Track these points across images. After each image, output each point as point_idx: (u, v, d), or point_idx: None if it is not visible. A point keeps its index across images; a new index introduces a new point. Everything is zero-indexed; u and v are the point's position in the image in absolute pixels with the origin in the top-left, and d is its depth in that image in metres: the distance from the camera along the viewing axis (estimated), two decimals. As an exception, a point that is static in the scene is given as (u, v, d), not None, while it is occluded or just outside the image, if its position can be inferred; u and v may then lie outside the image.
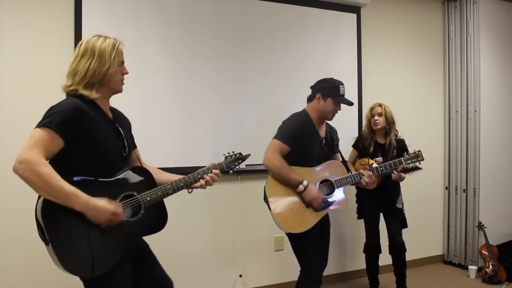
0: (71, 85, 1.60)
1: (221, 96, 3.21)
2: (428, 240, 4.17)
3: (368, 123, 3.22)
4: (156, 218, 1.75)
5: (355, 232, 3.73)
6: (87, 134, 1.55)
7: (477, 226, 3.88)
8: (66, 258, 1.47)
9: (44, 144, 1.45)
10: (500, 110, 4.15)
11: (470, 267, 3.87)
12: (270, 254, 3.44)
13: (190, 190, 1.87)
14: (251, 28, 3.31)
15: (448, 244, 4.24)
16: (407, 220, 3.21)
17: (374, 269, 3.29)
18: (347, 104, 2.52)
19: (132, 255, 1.70)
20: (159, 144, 3.00)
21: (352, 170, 3.14)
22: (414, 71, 4.12)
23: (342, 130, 3.46)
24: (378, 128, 3.15)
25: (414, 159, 2.70)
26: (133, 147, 1.87)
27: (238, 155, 2.01)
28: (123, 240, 1.61)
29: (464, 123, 4.07)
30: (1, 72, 2.63)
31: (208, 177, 1.87)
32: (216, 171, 1.89)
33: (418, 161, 2.71)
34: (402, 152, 3.15)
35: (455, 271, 4.02)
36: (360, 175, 2.50)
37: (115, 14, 2.87)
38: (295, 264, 2.54)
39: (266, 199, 2.40)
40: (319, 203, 2.38)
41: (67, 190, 1.43)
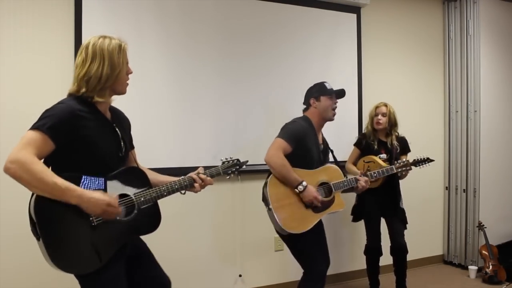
0: (86, 91, 1.59)
1: (221, 95, 3.21)
2: (428, 240, 4.17)
3: (371, 121, 3.22)
4: (150, 219, 1.75)
5: (354, 232, 3.73)
6: (81, 137, 1.54)
7: (477, 226, 3.88)
8: (57, 254, 1.48)
9: (36, 145, 1.46)
10: (500, 110, 4.15)
11: (470, 267, 3.87)
12: (270, 254, 3.44)
13: (184, 192, 1.86)
14: (251, 28, 3.31)
15: (448, 244, 4.24)
16: (407, 221, 3.21)
17: (374, 270, 3.28)
18: (339, 93, 2.60)
19: (126, 253, 1.70)
20: (160, 144, 3.00)
21: (351, 169, 3.15)
22: (414, 71, 4.12)
23: (342, 130, 3.48)
24: (380, 128, 3.16)
25: (404, 168, 2.87)
26: (130, 147, 1.85)
27: (236, 161, 2.04)
28: (115, 238, 1.61)
29: (464, 123, 4.07)
30: (1, 72, 2.63)
31: (202, 180, 1.87)
32: (210, 179, 1.89)
33: (407, 170, 2.90)
34: (405, 149, 3.19)
35: (455, 271, 4.02)
36: (357, 179, 2.57)
37: (115, 13, 2.87)
38: (295, 264, 2.54)
39: (265, 199, 2.41)
40: (319, 202, 2.40)
41: (61, 185, 1.44)
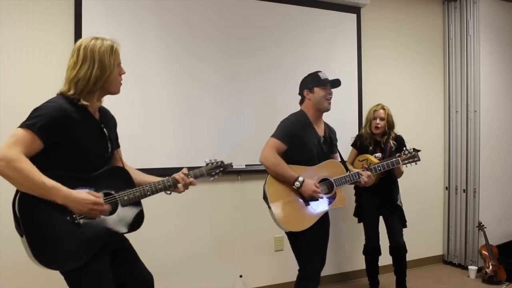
0: (74, 93, 1.60)
1: (221, 95, 3.21)
2: (428, 240, 4.17)
3: (369, 124, 3.21)
4: (133, 217, 1.75)
5: (353, 232, 3.73)
6: (69, 137, 1.56)
7: (477, 226, 3.88)
8: (40, 251, 1.49)
9: (24, 144, 1.47)
10: (500, 110, 4.15)
11: (470, 267, 3.87)
12: (270, 254, 3.44)
13: (169, 192, 1.87)
14: (251, 28, 3.31)
15: (448, 244, 4.24)
16: (406, 220, 3.21)
17: (374, 270, 3.29)
18: (334, 83, 2.53)
19: (110, 250, 1.70)
20: (159, 143, 3.00)
21: (351, 170, 3.14)
22: (414, 71, 4.12)
23: (342, 130, 3.46)
24: (378, 132, 3.16)
25: (410, 159, 2.75)
26: (116, 146, 1.86)
27: (220, 163, 2.05)
28: (98, 236, 1.62)
29: (464, 123, 4.07)
30: (1, 72, 2.63)
31: (187, 181, 1.87)
32: (192, 179, 1.89)
33: (414, 161, 2.76)
34: (401, 148, 3.15)
35: (455, 271, 4.02)
36: (359, 174, 2.52)
37: (115, 12, 2.87)
38: (295, 264, 2.54)
39: (266, 198, 2.40)
40: (319, 193, 2.37)
41: (48, 184, 1.46)
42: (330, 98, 2.52)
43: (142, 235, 2.95)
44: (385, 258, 3.26)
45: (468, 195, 4.03)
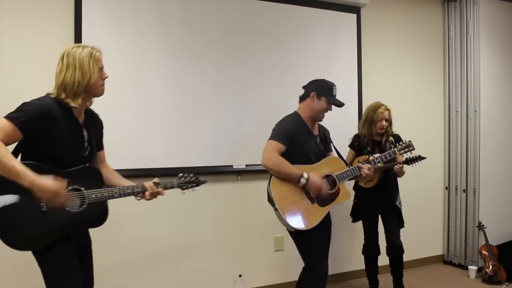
0: (66, 97, 1.77)
1: (221, 95, 3.21)
2: (428, 240, 4.17)
3: (369, 124, 3.13)
4: (97, 215, 1.86)
5: (353, 232, 3.73)
6: (48, 134, 1.71)
7: (477, 226, 3.88)
8: (3, 229, 1.64)
9: (5, 133, 1.63)
10: (500, 110, 4.15)
11: (470, 267, 3.87)
12: (270, 254, 3.44)
13: (138, 198, 1.97)
14: (251, 28, 3.31)
15: (448, 244, 4.24)
16: (404, 220, 3.21)
17: (373, 270, 3.28)
18: (338, 105, 2.55)
19: (76, 240, 1.83)
20: (159, 143, 3.00)
21: None
22: (414, 71, 4.12)
23: (342, 130, 3.47)
24: (383, 133, 3.12)
25: (406, 149, 2.77)
26: (98, 148, 2.01)
27: (194, 179, 2.11)
28: (63, 224, 1.74)
29: (464, 123, 4.07)
30: (0, 73, 2.63)
31: (155, 190, 1.95)
32: (160, 189, 1.97)
33: (410, 150, 2.78)
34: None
35: (455, 271, 4.02)
36: (359, 168, 2.55)
37: (115, 13, 2.87)
38: (295, 264, 2.54)
39: (271, 199, 2.41)
40: (326, 190, 2.40)
41: (18, 168, 1.59)
42: (327, 112, 2.58)
43: (142, 235, 2.97)
44: (384, 258, 3.26)
45: (468, 195, 4.03)
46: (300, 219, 2.38)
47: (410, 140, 2.78)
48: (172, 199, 3.06)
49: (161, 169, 2.91)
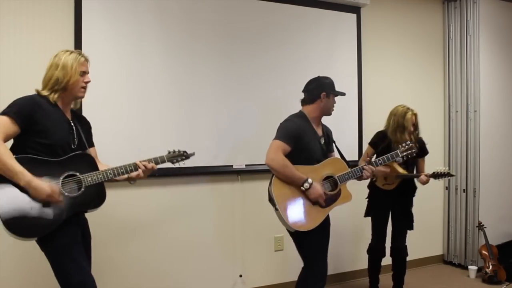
0: (44, 91, 1.94)
1: (221, 96, 3.21)
2: (428, 240, 4.17)
3: (401, 130, 3.02)
4: (95, 196, 1.97)
5: (354, 232, 3.74)
6: (38, 123, 1.83)
7: (477, 226, 3.88)
8: (9, 219, 1.72)
9: (3, 128, 1.76)
10: (500, 110, 4.15)
11: (470, 267, 3.87)
12: (270, 254, 3.44)
13: (133, 182, 2.11)
14: (251, 28, 3.31)
15: (448, 244, 4.24)
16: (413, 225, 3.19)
17: (375, 269, 3.27)
18: (342, 95, 2.61)
19: (78, 226, 1.96)
20: (159, 144, 2.98)
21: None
22: (414, 71, 4.12)
23: (342, 130, 3.47)
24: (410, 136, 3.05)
25: (408, 151, 2.73)
26: (89, 146, 2.11)
27: (183, 152, 2.28)
28: (63, 210, 1.83)
29: (464, 123, 4.07)
30: (0, 73, 2.63)
31: (146, 167, 2.08)
32: (152, 164, 2.12)
33: (412, 152, 2.73)
34: (423, 151, 3.12)
35: (455, 271, 4.03)
36: (361, 169, 2.56)
37: (115, 14, 2.87)
38: (295, 264, 2.54)
39: (272, 200, 2.41)
40: (324, 199, 2.40)
41: (16, 168, 1.71)
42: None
43: (141, 235, 2.97)
44: (386, 258, 3.26)
45: (468, 195, 4.03)
46: (301, 220, 2.38)
47: (412, 143, 2.76)
48: (172, 199, 3.08)
49: (160, 169, 2.90)
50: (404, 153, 2.73)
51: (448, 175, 2.92)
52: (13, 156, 1.73)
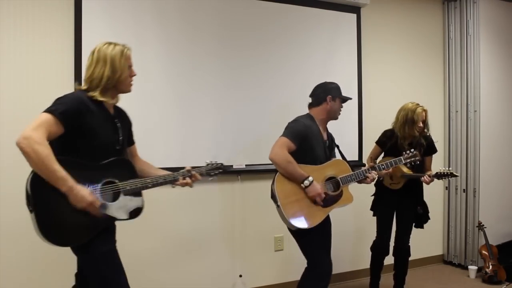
0: (88, 90, 1.81)
1: (220, 96, 3.21)
2: (428, 240, 4.17)
3: (410, 124, 2.99)
4: (133, 206, 1.89)
5: (355, 232, 3.74)
6: (85, 124, 1.74)
7: (477, 226, 3.89)
8: (46, 227, 1.64)
9: (47, 127, 1.64)
10: (500, 110, 4.15)
11: (470, 267, 3.87)
12: (270, 254, 3.44)
13: (173, 186, 2.05)
14: (250, 29, 3.31)
15: (448, 244, 4.24)
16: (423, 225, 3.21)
17: (378, 267, 3.26)
18: (349, 99, 2.68)
19: (114, 234, 1.89)
20: (159, 144, 3.00)
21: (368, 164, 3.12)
22: (414, 71, 4.12)
23: (342, 129, 3.47)
24: (419, 133, 3.02)
25: (412, 158, 2.76)
26: (130, 143, 2.06)
27: (219, 164, 2.23)
28: (101, 219, 1.77)
29: (464, 123, 4.07)
30: (1, 75, 2.63)
31: (189, 179, 2.06)
32: (196, 174, 2.08)
33: (416, 160, 2.77)
34: (431, 149, 3.10)
35: (455, 271, 4.03)
36: (364, 172, 2.57)
37: (115, 16, 2.87)
38: (295, 264, 2.55)
39: (274, 196, 2.42)
40: (322, 199, 2.42)
41: (58, 174, 1.62)
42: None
43: (141, 235, 2.97)
44: (389, 257, 3.25)
45: (468, 195, 4.03)
46: (301, 218, 2.39)
47: (417, 151, 2.78)
48: (172, 199, 3.08)
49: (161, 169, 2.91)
50: (408, 160, 2.76)
51: (451, 175, 2.91)
52: (56, 161, 1.62)
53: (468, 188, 4.02)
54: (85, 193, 1.67)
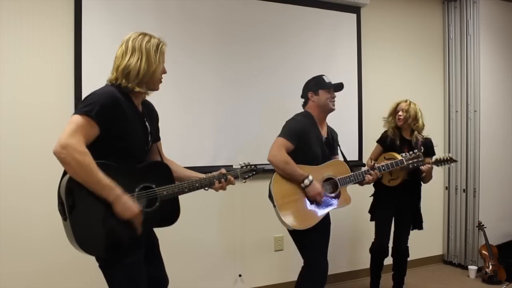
0: (126, 83, 1.64)
1: (220, 96, 3.21)
2: (428, 240, 4.17)
3: (393, 119, 3.12)
4: (169, 212, 1.81)
5: (354, 232, 3.74)
6: (118, 125, 1.60)
7: (477, 226, 3.88)
8: (81, 235, 1.52)
9: (84, 131, 1.50)
10: (500, 110, 4.15)
11: (470, 267, 3.87)
12: (270, 254, 3.44)
13: (207, 188, 1.94)
14: (250, 29, 3.31)
15: (448, 244, 4.24)
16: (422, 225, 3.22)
17: (378, 268, 3.26)
18: (337, 87, 2.60)
19: (144, 243, 1.74)
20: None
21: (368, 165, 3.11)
22: (414, 71, 4.12)
23: (342, 130, 3.46)
24: (401, 124, 3.07)
25: (414, 159, 2.75)
26: (157, 139, 1.92)
27: (253, 166, 2.15)
28: (137, 229, 1.65)
29: (464, 123, 4.07)
30: (0, 73, 2.63)
31: (224, 182, 1.97)
32: (232, 178, 1.99)
33: (419, 161, 2.76)
34: (429, 152, 3.09)
35: (455, 271, 4.03)
36: (363, 174, 2.55)
37: (115, 14, 2.87)
38: (295, 264, 2.54)
39: (271, 196, 2.42)
40: (322, 198, 2.41)
41: (103, 182, 1.50)
42: (334, 99, 2.59)
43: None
44: (388, 258, 3.25)
45: (468, 195, 4.03)
46: (296, 219, 2.37)
47: (419, 152, 2.78)
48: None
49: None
50: (410, 161, 2.74)
51: (450, 160, 2.92)
52: (98, 169, 1.49)
53: (468, 188, 4.02)
54: (131, 204, 1.56)
